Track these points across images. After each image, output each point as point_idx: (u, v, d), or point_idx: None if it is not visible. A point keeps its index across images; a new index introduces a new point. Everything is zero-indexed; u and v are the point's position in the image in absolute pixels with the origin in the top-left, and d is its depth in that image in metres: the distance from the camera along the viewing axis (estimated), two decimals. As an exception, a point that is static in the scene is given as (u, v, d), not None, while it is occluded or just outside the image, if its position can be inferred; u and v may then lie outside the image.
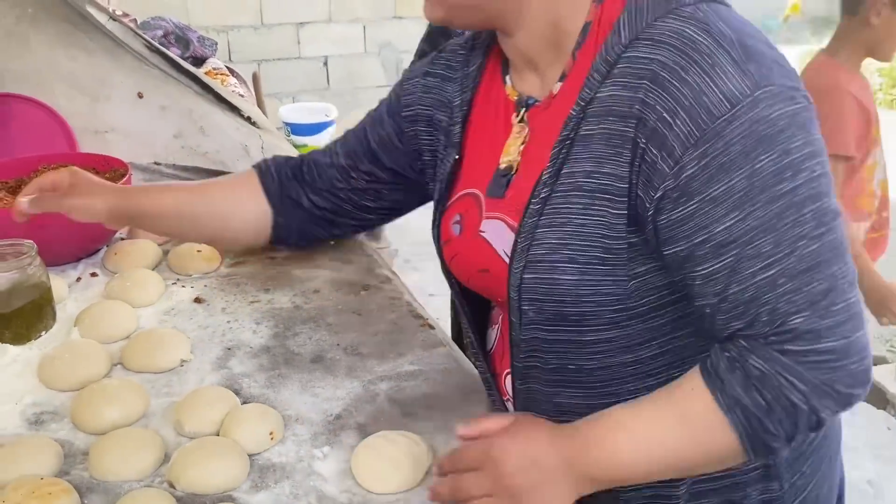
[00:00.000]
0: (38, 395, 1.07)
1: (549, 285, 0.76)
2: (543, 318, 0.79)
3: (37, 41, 1.72)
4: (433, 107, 0.95)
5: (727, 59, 0.67)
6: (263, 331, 1.23)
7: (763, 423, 0.67)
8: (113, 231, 1.48)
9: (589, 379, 0.82)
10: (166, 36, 2.94)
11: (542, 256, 0.76)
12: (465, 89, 0.90)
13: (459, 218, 0.88)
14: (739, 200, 0.65)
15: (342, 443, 0.98)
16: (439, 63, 0.96)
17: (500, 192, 0.83)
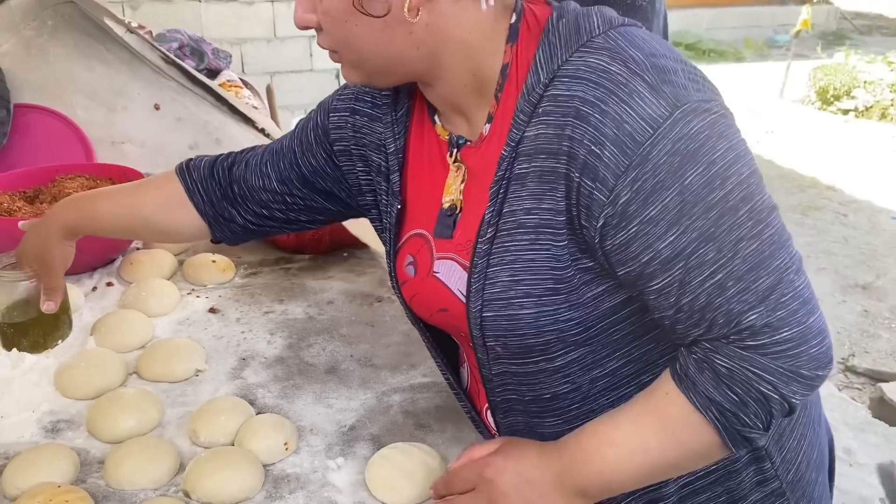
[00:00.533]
0: (55, 404, 1.08)
1: (509, 321, 0.77)
2: (510, 353, 0.80)
3: (56, 53, 1.75)
4: (366, 146, 0.93)
5: (642, 85, 0.68)
6: (277, 341, 1.24)
7: (739, 416, 0.70)
8: (129, 241, 1.49)
9: (565, 403, 0.83)
10: (181, 48, 2.96)
11: (498, 294, 0.77)
12: (398, 135, 0.89)
13: (412, 259, 0.88)
14: (676, 216, 0.68)
15: (356, 454, 0.99)
16: (364, 101, 0.93)
17: (447, 232, 0.84)
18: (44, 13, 1.79)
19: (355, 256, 1.55)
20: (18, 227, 1.12)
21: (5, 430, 1.02)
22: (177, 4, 4.54)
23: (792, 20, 8.77)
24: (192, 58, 2.99)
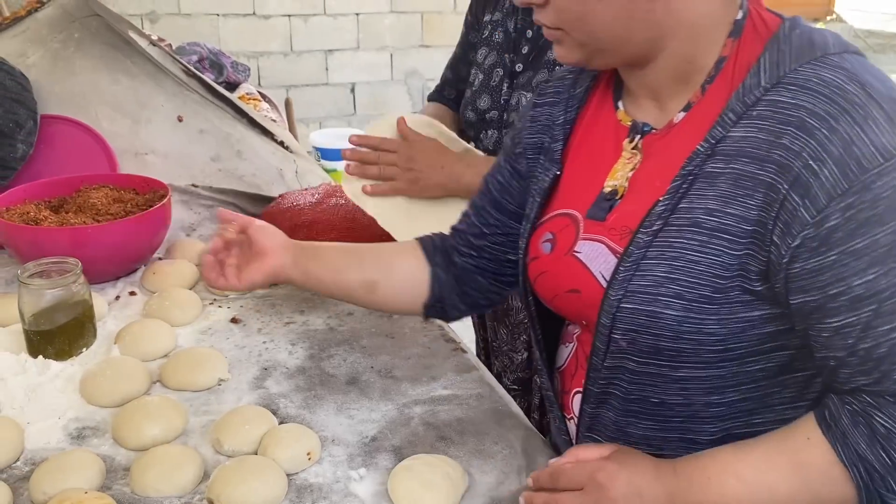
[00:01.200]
0: (80, 411, 1.09)
1: (648, 317, 0.74)
2: (634, 349, 0.78)
3: (81, 65, 1.77)
4: (539, 133, 0.94)
5: (879, 113, 0.66)
6: (299, 352, 1.25)
7: (886, 480, 0.67)
8: (151, 251, 1.51)
9: (668, 414, 0.81)
10: (201, 61, 3.00)
11: (645, 288, 0.74)
12: (570, 109, 0.90)
13: (552, 237, 0.87)
14: (883, 255, 0.64)
15: (378, 465, 0.99)
16: (547, 91, 0.95)
17: (601, 214, 0.82)
18: (71, 26, 1.82)
19: (374, 269, 1.56)
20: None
21: (32, 436, 1.03)
22: (195, 18, 4.59)
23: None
24: (212, 71, 3.03)
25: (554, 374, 0.96)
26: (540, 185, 0.91)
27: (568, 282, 0.84)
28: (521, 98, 1.41)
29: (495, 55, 1.47)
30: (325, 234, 1.55)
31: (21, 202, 1.49)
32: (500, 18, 1.48)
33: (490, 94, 1.47)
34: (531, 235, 0.91)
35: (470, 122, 1.52)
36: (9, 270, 1.46)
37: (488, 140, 1.48)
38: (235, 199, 1.76)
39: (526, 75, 1.41)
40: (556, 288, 0.86)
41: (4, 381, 1.11)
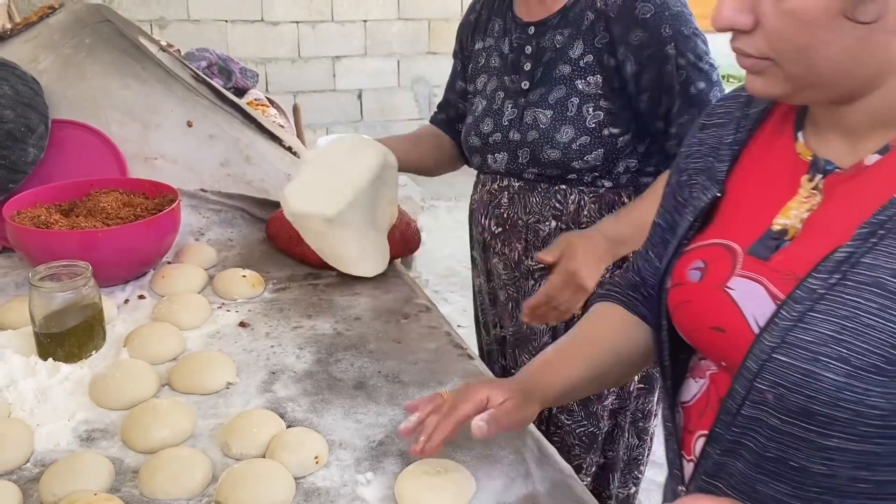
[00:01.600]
0: (90, 413, 1.09)
1: (803, 376, 0.67)
2: (781, 406, 0.70)
3: (92, 70, 1.79)
4: (705, 155, 0.87)
5: None
6: (306, 356, 1.25)
7: None
8: (160, 255, 1.52)
9: (807, 482, 0.73)
10: (210, 67, 3.01)
11: (806, 344, 0.67)
12: (741, 129, 0.83)
13: (702, 265, 0.80)
14: None
15: (385, 469, 0.99)
16: (717, 111, 0.89)
17: (765, 253, 0.75)
18: (82, 31, 1.84)
19: (382, 274, 1.57)
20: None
21: (41, 438, 1.03)
22: (204, 24, 4.62)
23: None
24: (220, 76, 3.05)
25: (676, 408, 0.88)
26: (695, 204, 0.84)
27: (713, 318, 0.77)
28: (538, 115, 1.38)
29: (496, 80, 1.47)
30: (332, 240, 1.56)
31: (32, 206, 1.50)
32: (492, 44, 1.49)
33: (493, 118, 1.46)
34: (678, 258, 0.84)
35: (474, 147, 1.51)
36: (19, 273, 1.48)
37: (498, 164, 1.47)
38: (244, 204, 1.77)
39: (537, 92, 1.39)
40: (698, 321, 0.80)
41: (15, 384, 1.12)
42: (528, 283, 1.48)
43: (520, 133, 1.42)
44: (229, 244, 1.70)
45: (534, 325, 1.46)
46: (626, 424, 1.52)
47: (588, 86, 1.35)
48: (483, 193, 1.54)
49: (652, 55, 1.30)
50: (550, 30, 1.39)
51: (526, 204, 1.46)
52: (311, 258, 1.57)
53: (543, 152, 1.38)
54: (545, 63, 1.39)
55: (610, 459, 1.55)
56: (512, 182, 1.47)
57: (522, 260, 1.48)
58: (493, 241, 1.52)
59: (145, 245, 1.45)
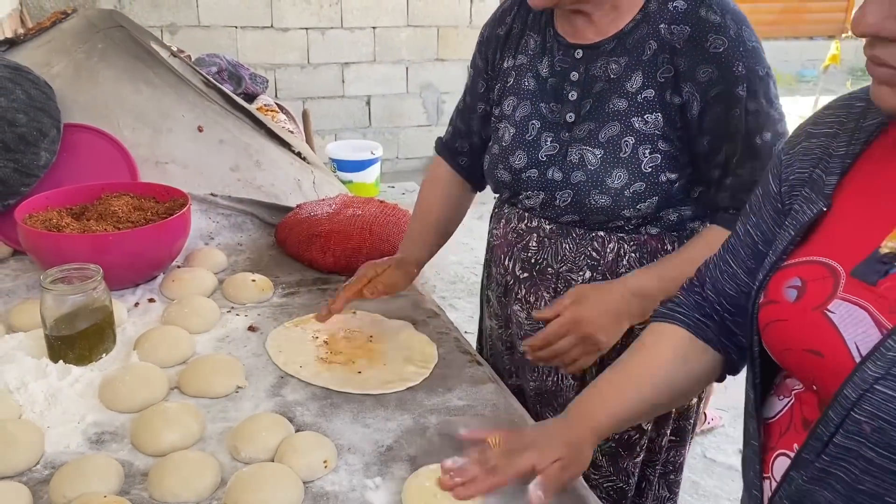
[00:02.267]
0: (100, 416, 1.10)
1: None
2: (879, 440, 0.67)
3: (105, 75, 1.80)
4: (811, 165, 0.81)
5: None
6: (315, 361, 1.25)
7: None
8: (171, 259, 1.52)
9: None
10: (220, 72, 3.03)
11: None
12: (855, 142, 0.77)
13: (800, 283, 0.76)
14: None
15: (393, 474, 1.00)
16: (826, 120, 0.83)
17: (872, 277, 0.70)
18: (94, 37, 1.85)
19: (390, 279, 1.57)
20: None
21: (52, 440, 1.04)
22: (214, 30, 4.65)
23: (820, 55, 8.74)
24: (230, 82, 3.07)
25: (760, 424, 0.86)
26: (799, 218, 0.80)
27: (809, 341, 0.74)
28: (586, 154, 1.21)
29: (528, 105, 1.27)
30: (342, 244, 1.57)
31: (44, 209, 1.51)
32: (525, 62, 1.29)
33: (526, 151, 1.26)
34: (774, 274, 0.80)
35: (503, 183, 1.31)
36: (31, 276, 1.48)
37: (532, 201, 1.28)
38: (253, 209, 1.77)
39: (584, 127, 1.21)
40: (792, 342, 0.76)
41: (25, 386, 1.12)
42: None
43: (562, 172, 1.23)
44: (239, 248, 1.71)
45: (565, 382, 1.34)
46: (656, 478, 1.40)
47: (646, 125, 1.17)
48: (507, 231, 1.35)
49: (720, 94, 1.14)
50: (603, 56, 1.20)
51: (558, 250, 1.28)
52: (320, 263, 1.58)
53: (590, 198, 1.21)
54: (596, 94, 1.21)
55: None
56: (543, 224, 1.29)
57: None
58: (516, 286, 1.34)
59: (156, 249, 1.46)
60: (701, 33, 1.13)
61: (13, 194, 1.56)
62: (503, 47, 1.33)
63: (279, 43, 4.82)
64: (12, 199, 1.56)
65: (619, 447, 1.33)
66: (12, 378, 1.13)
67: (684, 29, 1.14)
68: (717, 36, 1.13)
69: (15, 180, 1.56)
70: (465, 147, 1.45)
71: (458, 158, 1.46)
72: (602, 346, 1.18)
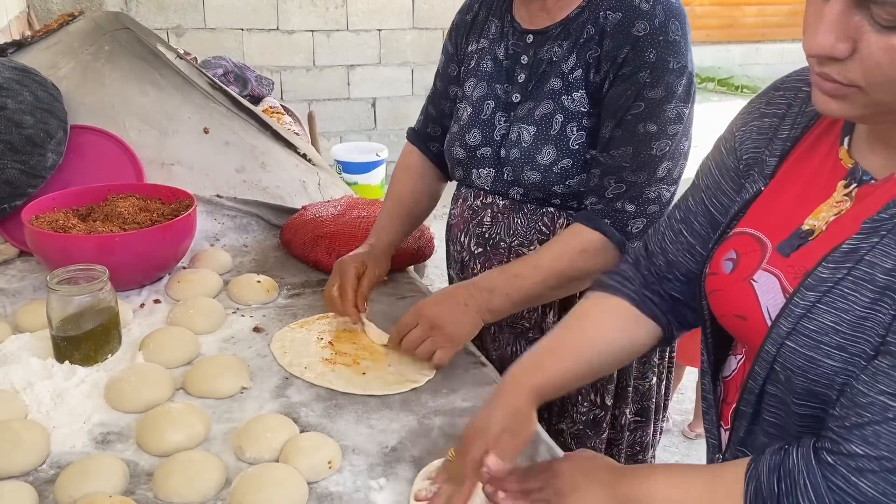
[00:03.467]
0: (105, 416, 1.10)
1: (807, 362, 0.73)
2: (790, 388, 0.77)
3: (111, 77, 1.81)
4: (761, 145, 0.88)
5: None
6: (320, 362, 1.25)
7: None
8: (176, 260, 1.53)
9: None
10: (226, 75, 3.04)
11: (809, 332, 0.73)
12: (797, 126, 0.84)
13: (735, 256, 0.84)
14: None
15: (398, 475, 1.00)
16: (777, 101, 0.89)
17: (787, 251, 0.79)
18: (101, 39, 1.86)
19: (395, 281, 1.57)
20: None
21: (57, 440, 1.04)
22: (220, 32, 4.66)
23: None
24: (236, 84, 3.08)
25: (718, 382, 0.94)
26: (742, 196, 0.87)
27: (737, 307, 0.83)
28: (522, 132, 1.27)
29: (485, 86, 1.34)
30: (346, 246, 1.57)
31: (50, 210, 1.52)
32: (486, 46, 1.36)
33: (481, 129, 1.34)
34: (718, 246, 0.88)
35: (458, 160, 1.38)
36: (37, 277, 1.49)
37: (482, 180, 1.35)
38: (259, 210, 1.78)
39: (525, 107, 1.29)
40: (726, 309, 0.85)
41: (32, 386, 1.13)
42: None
43: (505, 150, 1.31)
44: (244, 250, 1.71)
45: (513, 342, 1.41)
46: (622, 459, 1.47)
47: (573, 102, 1.24)
48: (464, 209, 1.42)
49: (626, 75, 1.19)
50: (550, 41, 1.27)
51: (510, 225, 1.34)
52: (325, 264, 1.58)
53: (524, 174, 1.28)
54: (539, 76, 1.28)
55: None
56: (496, 200, 1.35)
57: None
58: (471, 262, 1.41)
59: (161, 250, 1.46)
60: (630, 19, 1.19)
61: (20, 195, 1.57)
62: (469, 32, 1.41)
63: (285, 45, 4.83)
64: (19, 200, 1.56)
65: (586, 427, 1.40)
66: (18, 378, 1.14)
67: (617, 15, 1.21)
68: (642, 22, 1.18)
69: (22, 181, 1.57)
70: (437, 132, 1.50)
71: (430, 144, 1.52)
72: (453, 336, 1.22)
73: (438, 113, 1.49)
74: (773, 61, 9.31)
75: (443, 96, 1.48)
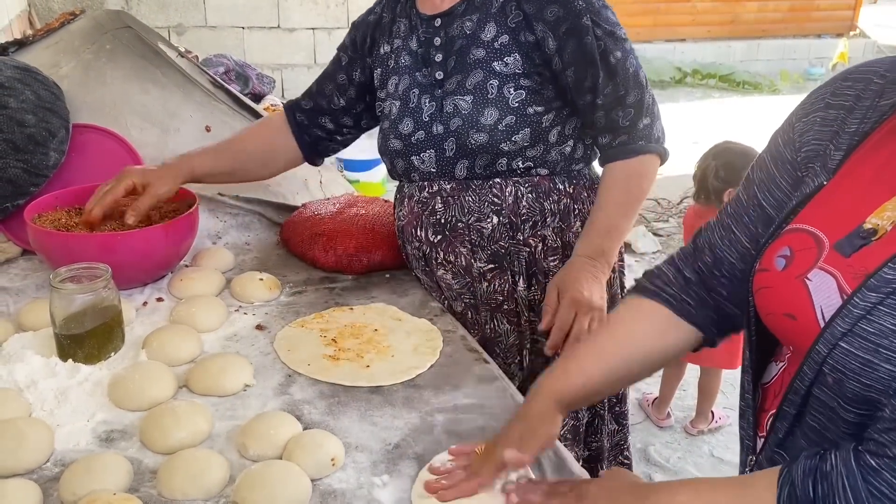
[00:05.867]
0: (109, 414, 1.10)
1: (862, 365, 0.70)
2: (838, 390, 0.73)
3: (113, 76, 1.81)
4: (826, 137, 0.83)
5: None
6: (323, 359, 1.26)
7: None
8: (178, 258, 1.53)
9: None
10: (227, 73, 3.04)
11: (868, 334, 0.69)
12: (867, 120, 0.80)
13: (789, 253, 0.81)
14: None
15: (401, 472, 1.00)
16: (845, 92, 0.84)
17: (848, 250, 0.75)
18: (102, 37, 1.86)
19: (397, 278, 1.57)
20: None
21: (61, 438, 1.04)
22: (221, 31, 4.66)
23: (829, 53, 8.71)
24: (237, 82, 3.08)
25: (757, 390, 0.91)
26: (803, 190, 0.83)
27: (787, 306, 0.80)
28: (458, 103, 1.35)
29: (407, 78, 1.42)
30: (343, 244, 1.57)
31: (52, 209, 1.52)
32: (400, 44, 1.44)
33: (411, 116, 1.41)
34: (771, 242, 0.84)
35: (396, 151, 1.44)
36: (40, 276, 1.49)
37: (426, 164, 1.41)
38: (260, 209, 1.78)
39: (453, 80, 1.36)
40: (775, 307, 0.82)
41: (35, 384, 1.13)
42: (483, 286, 1.43)
43: (442, 124, 1.37)
44: (246, 248, 1.71)
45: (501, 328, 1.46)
46: (605, 412, 1.55)
47: (506, 66, 1.33)
48: (412, 206, 1.46)
49: (570, 29, 1.29)
50: (457, 18, 1.37)
51: (463, 204, 1.40)
52: (322, 262, 1.58)
53: (470, 138, 1.35)
54: (458, 51, 1.36)
55: (595, 451, 1.56)
56: (443, 185, 1.41)
57: (471, 264, 1.42)
58: (433, 252, 1.45)
59: (164, 248, 1.47)
60: None
61: (22, 194, 1.57)
62: (374, 33, 1.51)
63: (286, 43, 4.83)
64: (21, 199, 1.57)
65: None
66: (22, 377, 1.14)
67: None
68: None
69: (24, 180, 1.57)
70: (308, 105, 1.60)
71: (297, 114, 1.61)
72: (602, 307, 1.29)
73: (318, 89, 1.60)
74: (775, 57, 9.30)
75: (330, 78, 1.58)
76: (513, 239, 1.41)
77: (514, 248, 1.41)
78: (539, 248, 1.42)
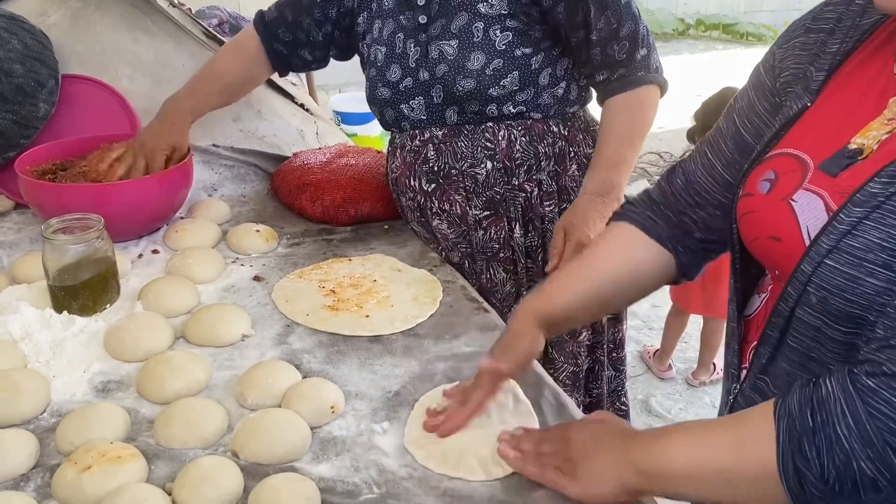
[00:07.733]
0: (105, 365, 1.09)
1: (847, 280, 0.69)
2: (824, 309, 0.72)
3: (102, 24, 1.76)
4: (806, 61, 0.83)
5: None
6: (321, 309, 1.24)
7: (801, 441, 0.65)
8: (173, 210, 1.50)
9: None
10: (221, 25, 2.98)
11: (853, 250, 0.68)
12: (848, 39, 0.79)
13: (773, 177, 0.80)
14: None
15: (401, 418, 0.99)
16: (825, 15, 0.83)
17: (834, 170, 0.74)
18: (90, -15, 1.81)
19: (396, 229, 1.55)
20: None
21: (58, 388, 1.03)
22: (214, -17, 4.55)
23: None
24: (231, 35, 3.01)
25: (741, 322, 0.91)
26: (785, 113, 0.83)
27: (772, 227, 0.79)
28: (443, 48, 1.31)
29: (392, 21, 1.37)
30: (330, 194, 1.54)
31: (44, 161, 1.49)
32: None
33: (399, 63, 1.36)
34: (754, 168, 0.84)
35: (384, 100, 1.40)
36: (33, 229, 1.47)
37: (416, 112, 1.38)
38: (256, 160, 1.75)
39: (437, 24, 1.32)
40: (760, 230, 0.81)
41: (30, 336, 1.12)
42: (479, 234, 1.41)
43: (428, 71, 1.34)
44: (242, 200, 1.69)
45: (498, 276, 1.45)
46: (605, 358, 1.55)
47: (491, 8, 1.29)
48: (404, 155, 1.43)
49: None
50: None
51: (455, 150, 1.37)
52: (310, 213, 1.56)
53: (457, 84, 1.31)
54: None
55: (595, 398, 1.57)
56: (434, 131, 1.38)
57: (467, 212, 1.40)
58: (428, 201, 1.43)
59: (158, 200, 1.44)
60: None
61: (13, 146, 1.54)
62: None
63: (281, -4, 4.73)
64: (12, 151, 1.54)
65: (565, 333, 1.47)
66: (17, 328, 1.13)
67: None
68: None
69: (14, 132, 1.54)
70: (287, 37, 1.52)
71: (275, 45, 1.54)
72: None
73: (295, 22, 1.51)
74: (779, 8, 9.13)
75: (307, 11, 1.49)
76: (508, 184, 1.38)
77: (509, 193, 1.39)
78: (535, 193, 1.40)
